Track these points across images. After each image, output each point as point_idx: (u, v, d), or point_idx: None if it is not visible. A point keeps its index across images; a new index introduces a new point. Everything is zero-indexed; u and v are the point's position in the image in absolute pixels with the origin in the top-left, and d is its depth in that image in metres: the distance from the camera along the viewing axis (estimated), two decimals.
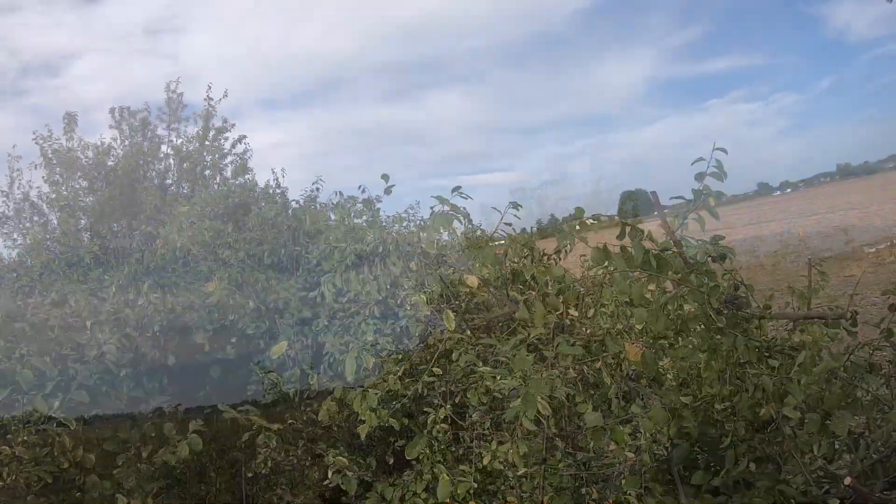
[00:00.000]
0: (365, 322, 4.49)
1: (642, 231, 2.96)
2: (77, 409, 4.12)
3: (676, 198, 3.25)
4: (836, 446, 2.90)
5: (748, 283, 3.10)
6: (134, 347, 5.10)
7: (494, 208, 4.13)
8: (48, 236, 13.26)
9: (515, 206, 4.09)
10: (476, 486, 3.79)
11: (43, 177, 13.95)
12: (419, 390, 4.06)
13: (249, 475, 4.40)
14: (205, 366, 5.34)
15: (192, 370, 5.38)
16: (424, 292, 4.20)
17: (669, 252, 2.89)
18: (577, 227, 3.98)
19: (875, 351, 3.13)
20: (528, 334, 3.59)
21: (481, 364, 3.78)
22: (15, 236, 13.66)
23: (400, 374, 4.14)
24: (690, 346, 2.94)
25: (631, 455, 3.43)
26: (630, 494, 3.20)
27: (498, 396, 3.74)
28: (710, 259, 2.97)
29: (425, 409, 4.17)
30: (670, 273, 2.82)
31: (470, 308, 4.37)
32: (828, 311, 3.52)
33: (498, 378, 3.52)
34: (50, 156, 13.86)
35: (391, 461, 4.44)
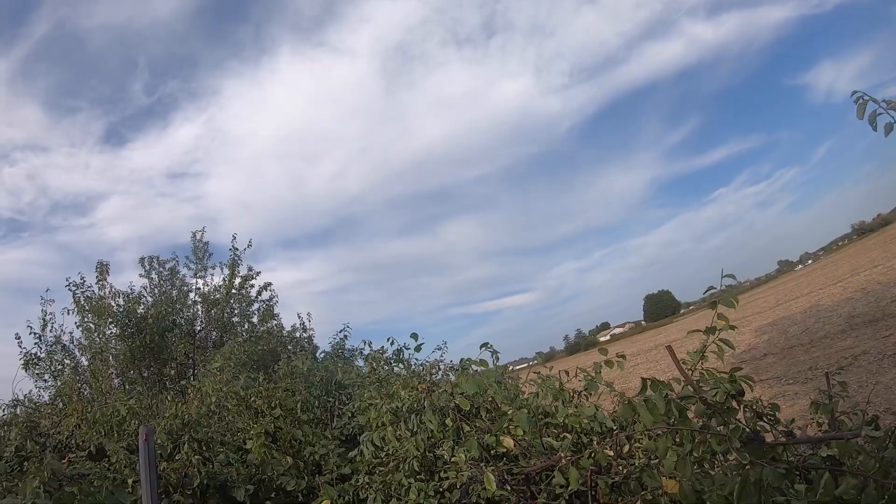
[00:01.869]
0: (405, 478, 4.61)
1: (663, 383, 3.18)
2: None
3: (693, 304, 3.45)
4: None
5: (786, 362, 3.25)
6: None
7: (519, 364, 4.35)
8: (79, 378, 13.54)
9: (531, 365, 4.30)
10: None
11: (76, 322, 14.49)
12: None
13: None
14: None
15: None
16: (463, 451, 4.35)
17: (690, 398, 3.11)
18: (602, 366, 4.15)
19: None
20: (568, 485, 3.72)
21: None
22: (46, 377, 13.99)
23: None
24: (725, 476, 3.07)
25: None
26: None
27: None
28: (730, 397, 3.12)
29: None
30: (693, 422, 3.05)
31: (510, 458, 4.48)
32: (847, 425, 3.94)
33: None
34: (83, 303, 14.39)
35: None
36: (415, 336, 5.16)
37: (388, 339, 6.70)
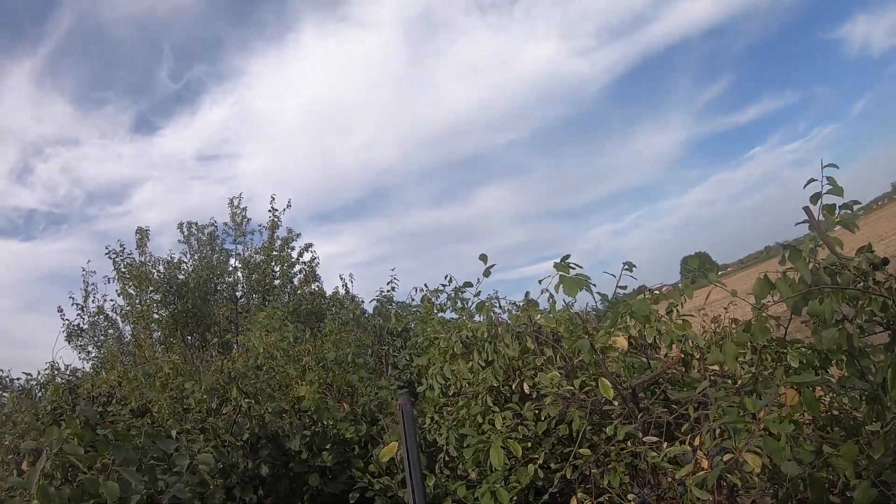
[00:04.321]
0: (481, 415, 4.06)
1: (801, 251, 2.67)
2: None
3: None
4: None
5: None
6: (224, 456, 4.71)
7: (608, 272, 3.85)
8: (122, 348, 13.27)
9: (630, 266, 3.80)
10: None
11: (117, 290, 14.20)
12: (566, 475, 3.56)
13: None
14: (301, 475, 4.90)
15: (288, 480, 4.94)
16: (556, 368, 3.80)
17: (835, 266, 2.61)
18: (691, 282, 3.64)
19: None
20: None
21: (640, 434, 3.32)
22: (90, 349, 13.75)
23: (541, 461, 3.67)
24: (874, 365, 2.58)
25: None
26: None
27: (665, 466, 3.24)
28: (872, 267, 2.68)
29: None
30: (850, 285, 2.52)
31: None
32: None
33: (665, 446, 3.07)
34: (123, 270, 14.08)
35: None
36: (483, 258, 4.53)
37: (445, 277, 6.09)
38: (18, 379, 7.36)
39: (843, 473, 2.72)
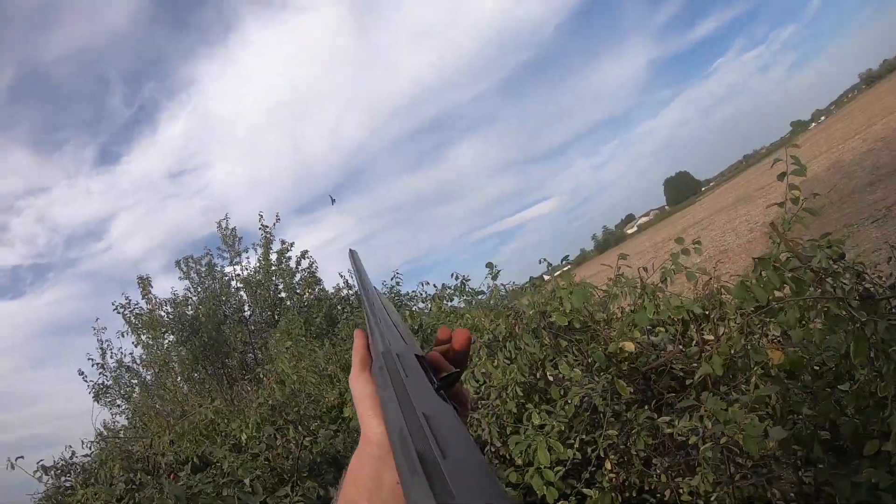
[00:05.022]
0: (515, 406, 4.55)
1: (769, 260, 3.12)
2: None
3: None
4: None
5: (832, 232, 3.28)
6: (311, 501, 5.18)
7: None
8: (149, 393, 13.70)
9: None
10: None
11: (133, 342, 14.57)
12: (601, 454, 4.06)
13: None
14: None
15: None
16: (577, 366, 4.28)
17: (800, 269, 3.07)
18: (680, 255, 4.09)
19: None
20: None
21: (656, 416, 3.84)
22: (118, 402, 14.16)
23: (577, 445, 4.16)
24: (837, 338, 3.07)
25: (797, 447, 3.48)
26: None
27: (679, 438, 3.75)
28: (832, 261, 3.13)
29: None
30: (810, 290, 3.03)
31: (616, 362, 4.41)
32: None
33: (678, 424, 3.58)
34: (134, 321, 14.44)
35: None
36: (490, 265, 5.07)
37: (452, 275, 6.65)
38: (73, 457, 7.70)
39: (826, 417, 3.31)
